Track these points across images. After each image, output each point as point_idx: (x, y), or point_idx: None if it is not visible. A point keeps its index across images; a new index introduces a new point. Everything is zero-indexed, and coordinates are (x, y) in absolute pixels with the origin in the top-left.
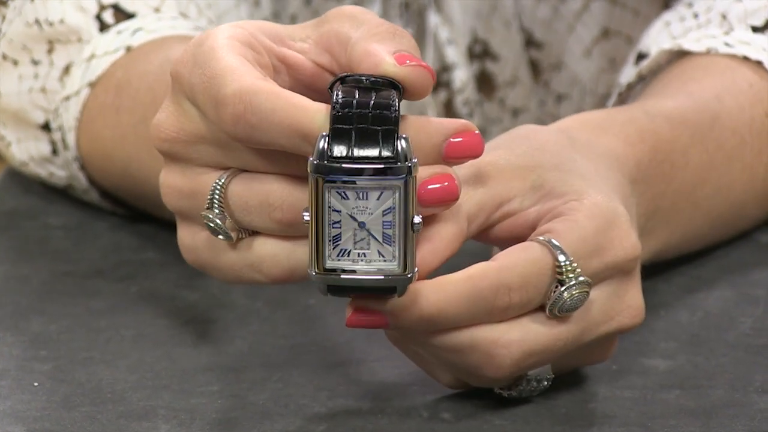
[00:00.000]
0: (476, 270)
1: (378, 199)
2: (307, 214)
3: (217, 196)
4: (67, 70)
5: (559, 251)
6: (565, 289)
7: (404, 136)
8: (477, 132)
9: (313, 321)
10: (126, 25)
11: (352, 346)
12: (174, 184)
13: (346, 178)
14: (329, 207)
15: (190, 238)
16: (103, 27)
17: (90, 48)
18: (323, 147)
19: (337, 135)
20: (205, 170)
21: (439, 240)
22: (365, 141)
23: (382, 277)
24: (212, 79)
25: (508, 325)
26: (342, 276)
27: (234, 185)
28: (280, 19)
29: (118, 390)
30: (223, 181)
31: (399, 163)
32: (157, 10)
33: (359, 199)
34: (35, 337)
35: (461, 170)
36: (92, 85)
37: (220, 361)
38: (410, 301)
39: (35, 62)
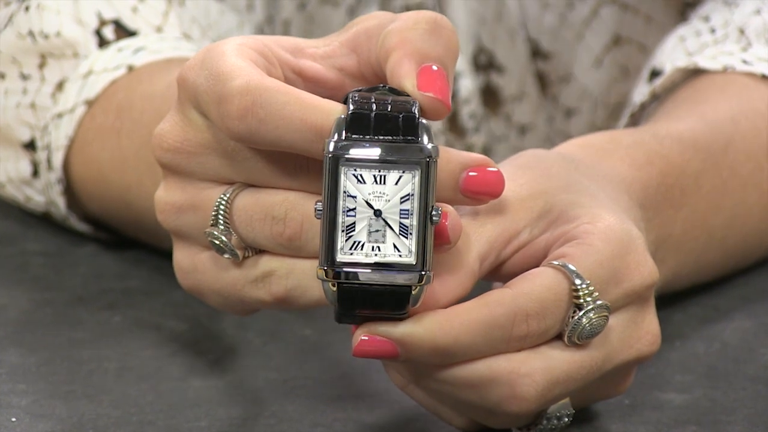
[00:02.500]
0: (491, 297)
1: (396, 183)
2: (320, 204)
3: (222, 212)
4: (60, 86)
5: (575, 275)
6: (583, 314)
7: (425, 122)
8: (497, 169)
9: (308, 353)
10: (127, 42)
11: (350, 380)
12: (172, 200)
13: (363, 156)
14: (344, 192)
15: (188, 259)
16: (103, 43)
17: (87, 64)
18: (340, 128)
19: (355, 118)
20: (208, 185)
21: (451, 281)
22: (385, 124)
23: (396, 278)
24: (217, 77)
25: (528, 353)
26: (351, 271)
27: (239, 200)
28: (274, 24)
29: (100, 426)
30: (228, 195)
31: (420, 143)
32: (159, 29)
33: (376, 183)
34: (13, 369)
35: (466, 207)
36: (89, 103)
37: (209, 395)
38: (422, 329)
39: (24, 77)
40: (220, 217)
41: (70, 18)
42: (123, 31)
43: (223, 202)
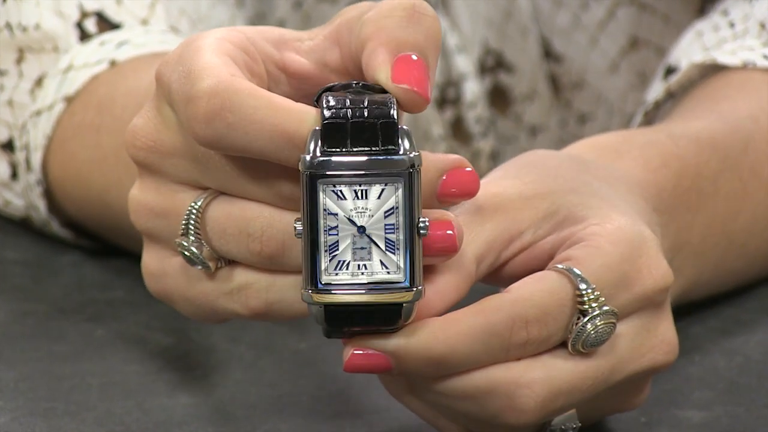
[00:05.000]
0: (488, 303)
1: (379, 197)
2: (300, 223)
3: (192, 221)
4: (39, 82)
5: (579, 279)
6: (588, 320)
7: (406, 128)
8: (471, 168)
9: (303, 368)
10: (110, 36)
11: (347, 397)
12: (145, 201)
13: (342, 172)
14: (324, 210)
15: (157, 263)
16: (84, 36)
17: (67, 58)
18: (316, 141)
19: (331, 129)
20: (181, 188)
21: (445, 283)
22: (363, 133)
23: (386, 297)
24: (188, 75)
25: (528, 362)
26: (337, 294)
27: (212, 209)
28: (266, 22)
29: None
30: (199, 204)
31: (402, 154)
32: (144, 21)
33: (358, 198)
34: None
35: (465, 204)
36: (69, 99)
37: (198, 413)
38: (416, 340)
39: (1, 72)
40: (190, 226)
41: (50, 10)
42: (106, 24)
43: (194, 212)
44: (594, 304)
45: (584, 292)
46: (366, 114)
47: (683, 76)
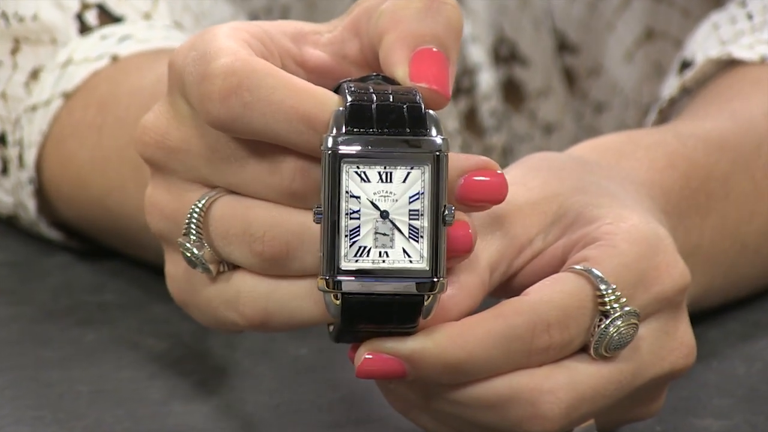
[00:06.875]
0: (508, 307)
1: (404, 181)
2: (319, 208)
3: (194, 221)
4: (35, 74)
5: (599, 280)
6: (610, 322)
7: (433, 114)
8: (500, 172)
9: (303, 374)
10: (112, 30)
11: (350, 404)
12: (157, 201)
13: (367, 152)
14: (347, 192)
15: (172, 267)
16: (84, 29)
17: (66, 52)
18: (339, 121)
19: (356, 109)
20: (191, 186)
21: (459, 290)
22: (389, 115)
23: (408, 287)
24: (203, 56)
25: (551, 368)
26: (357, 282)
27: (215, 209)
28: (272, 11)
29: None
30: (203, 203)
31: (429, 136)
32: (147, 16)
33: (382, 181)
34: None
35: (473, 213)
36: (67, 96)
37: (192, 422)
38: (433, 344)
39: None
40: (192, 226)
41: (49, 0)
42: (107, 17)
43: (197, 210)
44: (615, 305)
45: (605, 292)
46: (391, 99)
47: (698, 71)
